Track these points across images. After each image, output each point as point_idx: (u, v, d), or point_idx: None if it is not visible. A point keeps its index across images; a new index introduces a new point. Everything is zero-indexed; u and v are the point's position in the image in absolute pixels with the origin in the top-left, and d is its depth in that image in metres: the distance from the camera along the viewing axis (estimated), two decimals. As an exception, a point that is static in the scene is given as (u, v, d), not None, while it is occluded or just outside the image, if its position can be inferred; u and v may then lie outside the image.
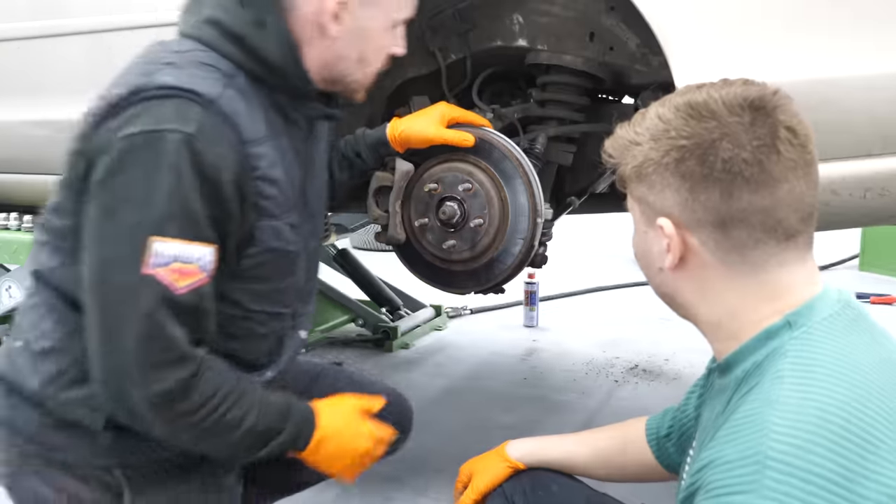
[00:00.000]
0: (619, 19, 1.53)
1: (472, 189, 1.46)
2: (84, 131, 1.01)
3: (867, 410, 0.72)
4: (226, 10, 1.05)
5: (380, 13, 1.10)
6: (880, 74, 1.20)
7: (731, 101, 0.80)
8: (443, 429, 2.46)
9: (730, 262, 0.82)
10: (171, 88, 0.97)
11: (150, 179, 0.93)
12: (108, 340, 0.95)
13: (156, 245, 0.92)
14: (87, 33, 1.85)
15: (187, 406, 0.97)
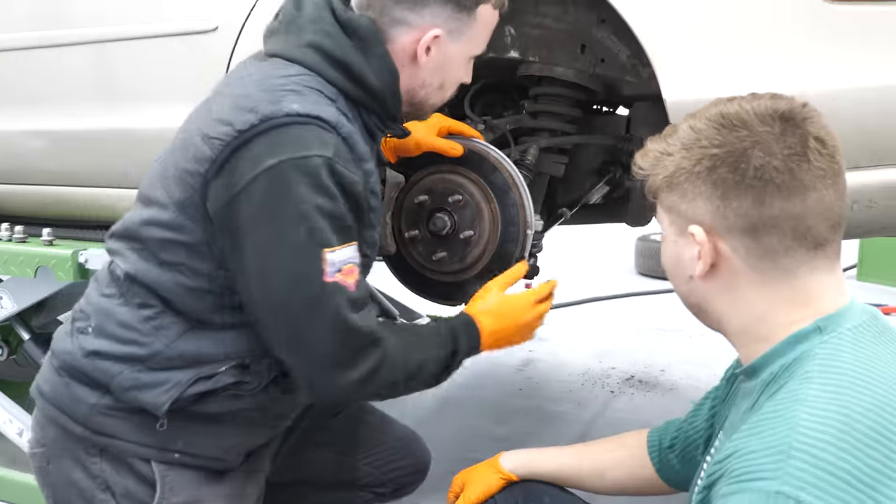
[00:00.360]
0: (610, 31, 1.53)
1: (462, 201, 1.46)
2: (209, 155, 1.06)
3: (891, 419, 0.74)
4: (330, 37, 1.13)
5: (462, 48, 1.20)
6: (868, 87, 1.21)
7: (762, 112, 0.83)
8: (437, 439, 2.45)
9: (761, 269, 0.85)
10: (302, 116, 1.05)
11: (309, 201, 1.03)
12: (307, 347, 1.06)
13: (328, 256, 1.04)
14: (88, 44, 1.86)
15: (384, 376, 1.10)
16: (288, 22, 1.17)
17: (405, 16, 1.15)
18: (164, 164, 1.17)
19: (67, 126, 1.94)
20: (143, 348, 1.15)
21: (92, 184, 1.97)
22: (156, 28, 1.75)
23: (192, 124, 1.15)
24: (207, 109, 1.15)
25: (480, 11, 1.18)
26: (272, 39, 1.18)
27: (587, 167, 1.80)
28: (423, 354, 1.17)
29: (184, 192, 1.10)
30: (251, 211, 1.04)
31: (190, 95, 1.71)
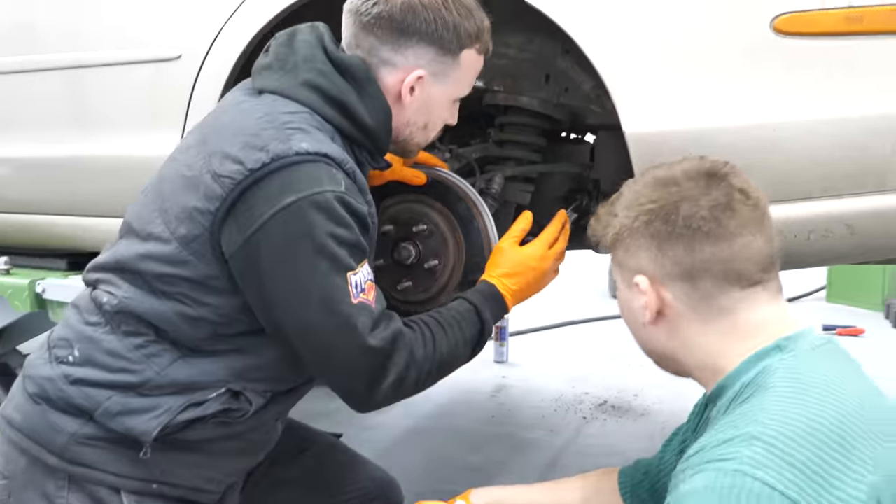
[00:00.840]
0: (574, 62, 1.55)
1: (427, 230, 1.46)
2: (219, 193, 1.08)
3: (854, 424, 0.79)
4: (325, 76, 1.16)
5: (446, 90, 1.24)
6: (820, 119, 1.23)
7: (689, 170, 0.94)
8: (407, 470, 2.42)
9: (701, 311, 0.92)
10: (311, 154, 1.09)
11: (328, 233, 1.07)
12: (340, 369, 1.12)
13: (353, 279, 1.10)
14: (55, 70, 1.84)
15: (414, 376, 1.16)
16: (282, 59, 1.19)
17: (391, 56, 1.18)
18: (160, 198, 1.17)
19: (32, 153, 1.91)
20: (134, 375, 1.14)
21: (55, 211, 1.94)
22: (121, 55, 1.74)
23: (193, 159, 1.15)
24: (206, 144, 1.15)
25: (464, 56, 1.21)
26: (265, 75, 1.20)
27: (553, 195, 1.81)
28: (451, 341, 1.22)
29: (190, 228, 1.11)
30: (273, 248, 1.08)
31: (156, 123, 1.72)
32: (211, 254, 1.11)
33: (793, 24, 1.21)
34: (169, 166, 1.20)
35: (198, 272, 1.12)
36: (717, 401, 0.92)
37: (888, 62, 1.20)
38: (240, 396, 1.18)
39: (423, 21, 1.16)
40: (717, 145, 1.26)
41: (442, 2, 1.17)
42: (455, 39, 1.19)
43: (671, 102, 1.27)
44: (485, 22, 1.23)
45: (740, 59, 1.24)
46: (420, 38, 1.17)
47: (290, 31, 1.23)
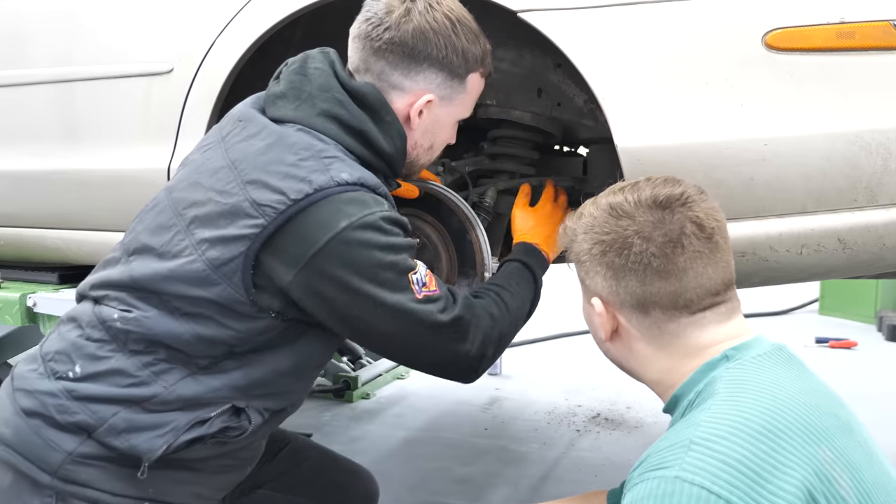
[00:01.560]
0: (566, 76, 1.56)
1: (419, 243, 1.46)
2: (260, 222, 1.10)
3: (785, 417, 0.83)
4: (343, 106, 1.18)
5: (451, 112, 1.27)
6: (812, 134, 1.23)
7: (643, 201, 0.96)
8: (399, 482, 2.41)
9: (652, 335, 0.97)
10: (351, 185, 1.13)
11: (384, 246, 1.12)
12: (433, 350, 1.19)
13: (414, 278, 1.15)
14: (46, 83, 1.83)
15: (499, 329, 1.24)
16: (297, 88, 1.20)
17: (401, 81, 1.20)
18: (183, 221, 1.16)
19: (22, 166, 1.90)
20: (142, 389, 1.14)
21: (46, 225, 1.93)
22: (112, 69, 1.73)
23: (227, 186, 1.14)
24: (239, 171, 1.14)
25: (470, 79, 1.24)
26: (280, 105, 1.20)
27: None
28: (517, 297, 1.32)
29: (223, 252, 1.12)
30: (335, 271, 1.11)
31: (148, 137, 1.71)
32: (240, 278, 1.11)
33: (784, 40, 1.21)
34: (192, 189, 1.18)
35: (224, 295, 1.12)
36: (673, 411, 0.97)
37: (879, 78, 1.21)
38: (241, 414, 1.18)
39: (435, 47, 1.18)
40: (708, 160, 1.26)
41: (451, 28, 1.19)
42: (463, 64, 1.21)
43: (663, 117, 1.27)
44: (487, 45, 1.25)
45: (732, 74, 1.24)
46: (431, 64, 1.19)
47: (301, 57, 1.24)
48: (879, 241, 1.27)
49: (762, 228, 1.27)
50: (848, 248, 1.27)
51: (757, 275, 1.36)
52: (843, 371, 3.65)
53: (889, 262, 1.36)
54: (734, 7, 1.23)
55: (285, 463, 1.50)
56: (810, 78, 1.22)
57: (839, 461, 0.82)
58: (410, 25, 1.17)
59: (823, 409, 0.87)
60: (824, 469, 0.80)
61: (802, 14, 1.21)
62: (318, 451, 1.60)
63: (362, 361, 3.48)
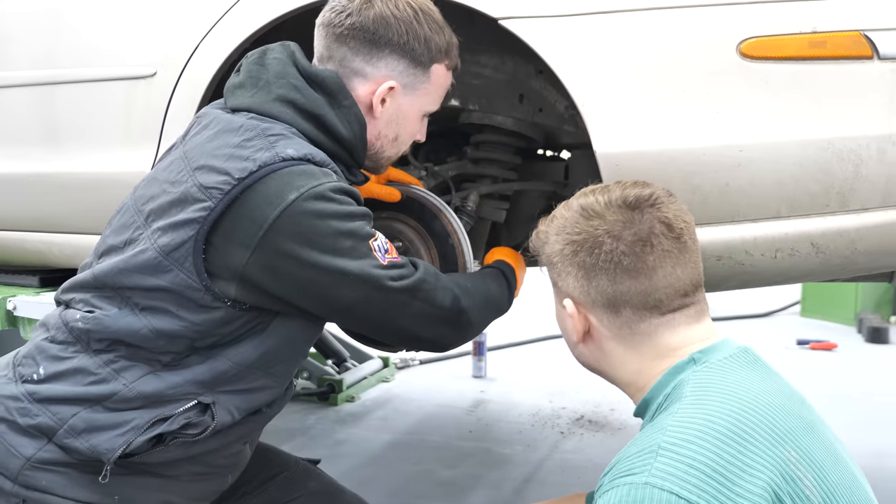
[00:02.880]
0: (547, 82, 1.57)
1: (402, 248, 1.46)
2: (207, 205, 1.09)
3: (749, 418, 0.84)
4: (299, 90, 1.17)
5: (416, 102, 1.26)
6: (785, 141, 1.26)
7: (613, 202, 0.98)
8: (383, 485, 2.42)
9: (623, 335, 0.99)
10: (296, 159, 1.11)
11: (339, 214, 1.11)
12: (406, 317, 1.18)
13: (375, 245, 1.14)
14: (27, 86, 1.83)
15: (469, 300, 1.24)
16: (254, 77, 1.20)
17: (362, 67, 1.20)
18: (141, 216, 1.16)
19: (3, 169, 1.89)
20: (101, 387, 1.13)
21: (26, 228, 1.92)
22: (95, 72, 1.73)
23: (177, 176, 1.14)
24: (189, 160, 1.15)
25: (434, 69, 1.24)
26: (238, 94, 1.20)
27: (529, 212, 1.83)
28: (484, 287, 1.32)
29: (173, 237, 1.11)
30: (290, 246, 1.09)
31: (130, 141, 1.71)
32: (192, 263, 1.10)
33: (758, 49, 1.24)
34: (150, 185, 1.19)
35: (178, 282, 1.11)
36: (643, 415, 0.99)
37: (850, 86, 1.24)
38: (206, 410, 1.16)
39: (396, 33, 1.18)
40: (686, 165, 1.29)
41: (413, 15, 1.19)
42: (426, 52, 1.21)
43: (641, 123, 1.29)
44: (454, 39, 1.25)
45: (708, 82, 1.27)
46: (392, 50, 1.19)
47: (261, 49, 1.24)
48: (851, 246, 1.30)
49: (737, 233, 1.30)
50: (821, 252, 1.30)
51: (733, 279, 1.38)
52: (823, 372, 3.69)
53: (861, 266, 1.39)
54: (710, 17, 1.26)
55: (277, 492, 1.43)
56: (784, 86, 1.25)
57: (803, 461, 0.84)
58: (371, 12, 1.18)
59: (787, 410, 0.89)
60: (789, 469, 0.82)
61: (776, 23, 1.23)
62: (319, 482, 1.49)
63: (347, 364, 3.48)
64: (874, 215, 1.27)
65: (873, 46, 1.20)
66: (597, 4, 1.31)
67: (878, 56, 1.20)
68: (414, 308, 1.17)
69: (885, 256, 1.36)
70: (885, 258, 1.37)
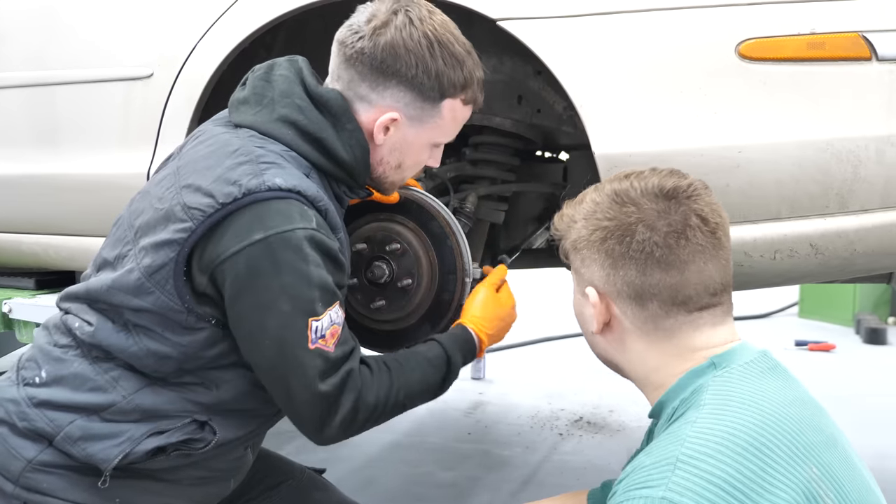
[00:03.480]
0: (546, 83, 1.57)
1: (400, 249, 1.46)
2: (188, 226, 1.07)
3: (772, 433, 0.81)
4: (302, 111, 1.15)
5: (424, 134, 1.21)
6: (785, 143, 1.26)
7: (649, 190, 0.93)
8: (383, 487, 2.41)
9: (646, 330, 0.94)
10: (284, 190, 1.08)
11: (296, 273, 1.06)
12: (294, 404, 1.12)
13: (314, 324, 1.08)
14: (22, 87, 1.82)
15: (365, 416, 1.15)
16: (259, 94, 1.18)
17: (368, 94, 1.17)
18: (132, 230, 1.15)
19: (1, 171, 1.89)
20: (100, 396, 1.13)
21: (22, 230, 1.91)
22: (92, 73, 1.72)
23: (165, 192, 1.13)
24: (179, 176, 1.13)
25: (446, 104, 1.19)
26: (242, 110, 1.18)
27: (528, 214, 1.83)
28: (413, 386, 1.21)
29: (155, 259, 1.09)
30: (237, 281, 1.07)
31: (127, 142, 1.71)
32: (173, 286, 1.09)
33: (757, 50, 1.24)
34: (142, 199, 1.18)
35: (159, 304, 1.10)
36: (658, 416, 0.95)
37: (849, 87, 1.24)
38: (205, 426, 1.16)
39: (404, 64, 1.14)
40: (683, 166, 1.28)
41: (427, 46, 1.14)
42: (437, 87, 1.16)
43: (639, 124, 1.29)
44: (475, 74, 1.19)
45: (706, 83, 1.27)
46: (399, 81, 1.15)
47: (268, 64, 1.22)
48: (850, 247, 1.30)
49: (737, 234, 1.28)
50: (820, 253, 1.29)
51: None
52: (821, 374, 3.69)
53: (860, 267, 1.39)
54: (709, 18, 1.26)
55: (281, 501, 1.44)
56: (782, 87, 1.25)
57: (825, 478, 0.81)
58: (383, 38, 1.13)
59: (809, 423, 0.85)
60: (811, 488, 0.79)
61: (775, 25, 1.24)
62: (324, 493, 1.49)
63: (345, 366, 3.48)
64: (873, 216, 1.27)
65: (872, 48, 1.20)
66: (596, 6, 1.31)
67: (876, 57, 1.20)
68: (307, 407, 1.11)
69: (883, 258, 1.36)
70: (883, 259, 1.37)
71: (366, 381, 1.15)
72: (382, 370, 1.19)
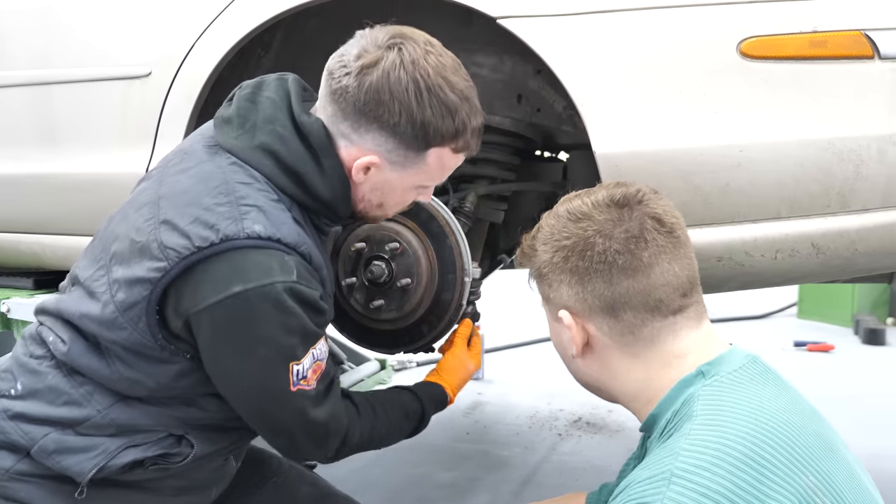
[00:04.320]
0: (546, 82, 1.57)
1: (399, 249, 1.45)
2: (163, 266, 1.04)
3: (768, 443, 0.80)
4: (283, 142, 1.10)
5: (407, 178, 1.16)
6: (786, 141, 1.25)
7: (600, 202, 0.94)
8: (382, 488, 2.41)
9: (625, 343, 0.93)
10: (263, 239, 1.05)
11: (275, 325, 1.05)
12: (279, 437, 1.16)
13: (295, 368, 1.08)
14: (22, 86, 1.81)
15: (349, 448, 1.21)
16: (243, 116, 1.14)
17: (348, 133, 1.11)
18: (107, 256, 1.12)
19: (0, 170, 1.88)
20: (75, 410, 1.12)
21: (20, 229, 1.90)
22: (90, 72, 1.72)
23: (143, 223, 1.09)
24: (159, 208, 1.09)
25: (432, 153, 1.12)
26: (225, 130, 1.15)
27: (527, 213, 1.82)
28: (390, 429, 1.28)
29: (129, 295, 1.07)
30: (215, 330, 1.05)
31: (126, 141, 1.70)
32: (145, 323, 1.07)
33: (758, 48, 1.23)
34: (121, 222, 1.14)
35: (132, 340, 1.08)
36: (651, 430, 0.93)
37: (851, 86, 1.23)
38: (182, 440, 1.15)
39: (387, 111, 1.07)
40: (685, 166, 1.28)
41: (415, 94, 1.06)
42: (421, 137, 1.09)
43: (640, 123, 1.28)
44: (469, 123, 1.11)
45: (707, 81, 1.26)
46: (381, 127, 1.09)
47: (256, 82, 1.17)
48: (852, 246, 1.29)
49: (738, 233, 1.29)
50: (821, 252, 1.29)
51: (733, 280, 1.38)
52: (820, 374, 3.69)
53: (861, 267, 1.39)
54: (709, 16, 1.25)
55: (268, 497, 1.43)
56: (784, 85, 1.24)
57: (823, 486, 0.80)
58: (368, 79, 1.05)
59: (805, 429, 0.84)
60: (809, 497, 0.78)
61: (776, 23, 1.23)
62: (312, 487, 1.47)
63: (344, 367, 3.46)
64: (875, 216, 1.26)
65: (874, 46, 1.20)
66: (596, 4, 1.31)
67: (878, 56, 1.20)
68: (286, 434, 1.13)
69: (885, 257, 1.35)
70: (885, 259, 1.37)
71: (352, 419, 1.20)
72: (367, 409, 1.24)
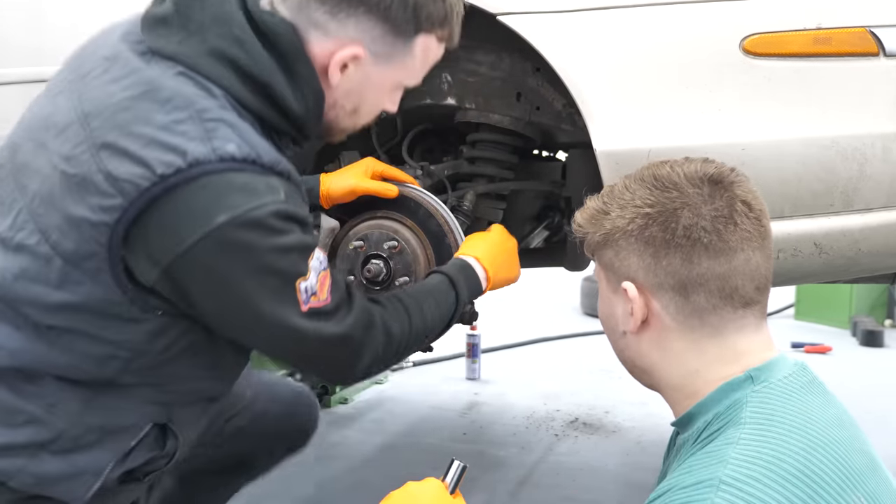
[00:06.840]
0: (545, 80, 1.55)
1: (397, 247, 1.44)
2: (119, 203, 0.87)
3: (821, 459, 0.76)
4: (243, 46, 0.92)
5: (389, 74, 1.03)
6: (790, 140, 1.24)
7: (692, 174, 0.87)
8: (375, 490, 2.38)
9: (690, 326, 0.87)
10: (238, 161, 0.89)
11: (269, 249, 0.91)
12: (313, 365, 1.04)
13: (302, 286, 0.95)
14: (15, 83, 1.79)
15: (395, 347, 1.08)
16: (184, 14, 0.93)
17: (325, 21, 0.95)
18: (25, 195, 0.92)
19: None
20: (43, 429, 0.95)
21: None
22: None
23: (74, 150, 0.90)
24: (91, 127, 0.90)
25: (420, 41, 1.00)
26: (162, 33, 0.93)
27: (526, 213, 1.81)
28: (427, 321, 1.15)
29: (80, 244, 0.89)
30: (206, 275, 0.90)
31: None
32: (109, 274, 0.89)
33: (762, 45, 1.22)
34: (36, 154, 0.93)
35: (94, 296, 0.90)
36: (686, 427, 0.89)
37: (855, 83, 1.22)
38: (166, 433, 1.05)
39: None
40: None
41: None
42: (412, 20, 0.97)
43: (641, 121, 1.27)
44: (455, 8, 1.02)
45: (710, 78, 1.25)
46: (368, 10, 0.95)
47: None
48: (855, 246, 1.28)
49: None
50: (824, 252, 1.28)
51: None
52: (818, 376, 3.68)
53: (864, 267, 1.37)
54: (712, 12, 1.24)
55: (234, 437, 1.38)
56: (787, 83, 1.23)
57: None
58: None
59: (852, 446, 0.81)
60: None
61: (780, 20, 1.22)
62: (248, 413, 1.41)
63: (340, 366, 3.45)
64: (878, 215, 1.25)
65: (879, 43, 1.18)
66: (597, 0, 1.29)
67: (884, 53, 1.19)
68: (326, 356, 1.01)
69: (888, 257, 1.34)
70: (888, 259, 1.36)
71: (384, 314, 1.08)
72: (394, 302, 1.12)
